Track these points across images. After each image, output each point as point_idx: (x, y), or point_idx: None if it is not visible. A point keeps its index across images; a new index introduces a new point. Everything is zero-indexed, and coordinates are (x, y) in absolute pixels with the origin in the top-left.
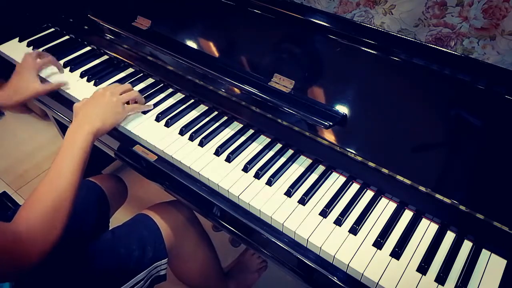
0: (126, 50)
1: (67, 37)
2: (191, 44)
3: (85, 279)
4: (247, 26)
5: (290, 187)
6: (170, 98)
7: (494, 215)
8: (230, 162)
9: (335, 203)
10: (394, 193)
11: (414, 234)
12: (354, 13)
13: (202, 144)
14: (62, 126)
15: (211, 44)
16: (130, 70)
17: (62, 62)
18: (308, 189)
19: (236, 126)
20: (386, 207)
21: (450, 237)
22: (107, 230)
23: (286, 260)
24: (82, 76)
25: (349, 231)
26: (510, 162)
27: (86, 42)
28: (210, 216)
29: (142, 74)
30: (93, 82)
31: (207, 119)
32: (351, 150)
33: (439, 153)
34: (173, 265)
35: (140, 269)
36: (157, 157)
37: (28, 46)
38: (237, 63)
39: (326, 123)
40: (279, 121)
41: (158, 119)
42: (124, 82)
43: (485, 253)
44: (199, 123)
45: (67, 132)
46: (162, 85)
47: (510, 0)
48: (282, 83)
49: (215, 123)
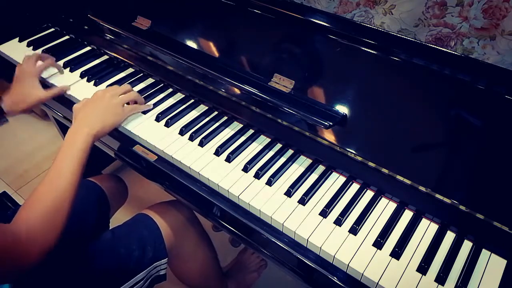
0: (126, 50)
1: (67, 37)
2: (191, 44)
3: (85, 279)
4: (247, 26)
5: (290, 187)
6: (170, 98)
7: (494, 215)
8: (230, 162)
9: (335, 203)
10: (394, 193)
11: (414, 234)
12: (354, 13)
13: (202, 144)
14: (62, 126)
15: (211, 44)
16: (130, 70)
17: (62, 62)
18: (308, 189)
19: (236, 126)
20: (386, 207)
21: (450, 237)
22: (107, 230)
23: (286, 260)
24: (82, 76)
25: (349, 231)
26: (510, 162)
27: (86, 42)
28: (210, 216)
29: (142, 74)
30: (93, 82)
31: (207, 119)
32: (351, 150)
33: (439, 153)
34: (173, 265)
35: (140, 269)
36: (157, 157)
37: (28, 46)
38: (237, 63)
39: (326, 123)
40: (279, 121)
41: (158, 119)
42: (124, 82)
43: (485, 253)
44: (199, 123)
45: (67, 133)
46: (162, 85)
47: (510, 0)
48: (282, 83)
49: (215, 123)
